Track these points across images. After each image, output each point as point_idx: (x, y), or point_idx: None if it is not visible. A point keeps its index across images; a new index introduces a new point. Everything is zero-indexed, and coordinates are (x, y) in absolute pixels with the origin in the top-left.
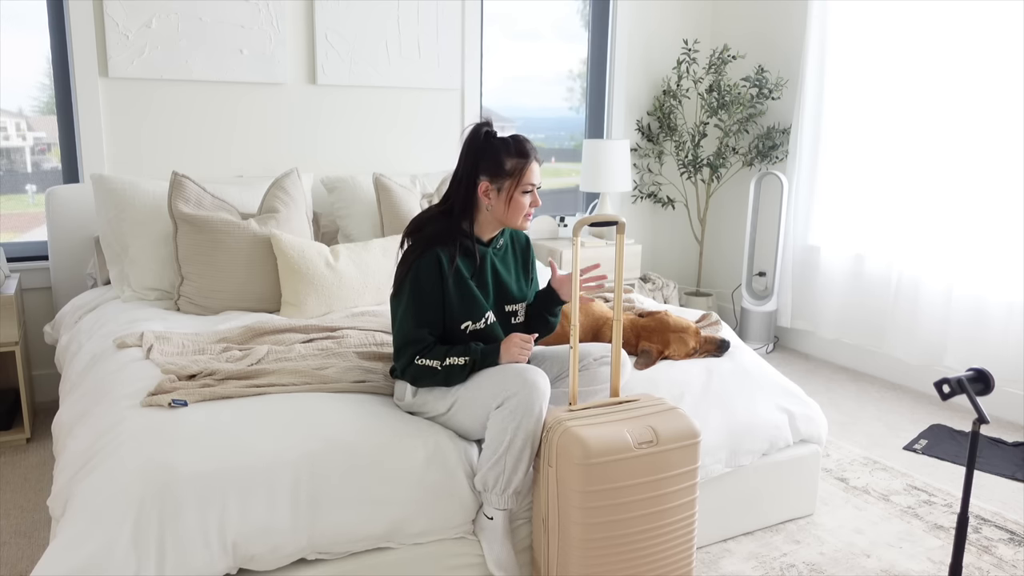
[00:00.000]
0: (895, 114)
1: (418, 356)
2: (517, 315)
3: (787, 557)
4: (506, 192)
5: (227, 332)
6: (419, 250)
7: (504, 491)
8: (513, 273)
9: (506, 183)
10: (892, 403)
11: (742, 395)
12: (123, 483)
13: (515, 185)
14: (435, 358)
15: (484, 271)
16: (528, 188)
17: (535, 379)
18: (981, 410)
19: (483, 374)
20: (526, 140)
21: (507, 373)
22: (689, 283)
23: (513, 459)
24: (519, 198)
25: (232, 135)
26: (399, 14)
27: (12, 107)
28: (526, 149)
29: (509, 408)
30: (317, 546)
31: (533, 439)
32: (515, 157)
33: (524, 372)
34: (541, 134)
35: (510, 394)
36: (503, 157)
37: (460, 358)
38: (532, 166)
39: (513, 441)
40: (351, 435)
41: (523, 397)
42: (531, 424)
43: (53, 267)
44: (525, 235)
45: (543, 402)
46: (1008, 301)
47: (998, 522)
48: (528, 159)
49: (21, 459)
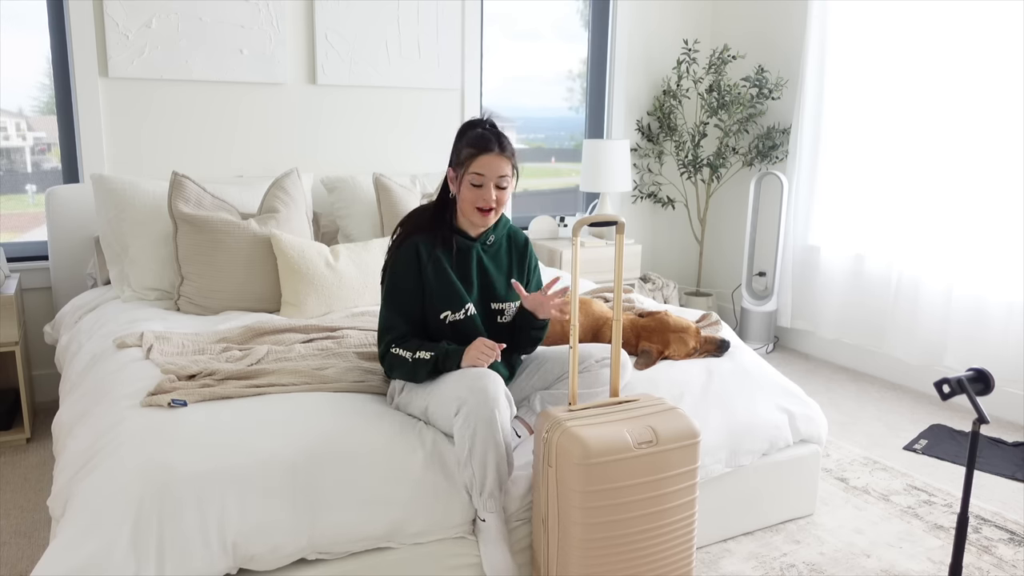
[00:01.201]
0: (895, 114)
1: (393, 344)
2: (504, 314)
3: (787, 557)
4: (461, 182)
5: (227, 332)
6: (399, 240)
7: (480, 494)
8: (504, 272)
9: (460, 172)
10: (892, 403)
11: (742, 395)
12: (123, 483)
13: (464, 173)
14: (408, 350)
15: (467, 264)
16: (476, 181)
17: (484, 385)
18: (981, 410)
19: (446, 379)
20: (494, 133)
21: (462, 380)
22: (689, 283)
23: (479, 464)
24: (466, 190)
25: (232, 135)
26: (399, 14)
27: (12, 107)
28: (483, 140)
29: (463, 416)
30: (317, 546)
31: (494, 444)
32: (469, 146)
33: (475, 379)
34: (541, 134)
35: (462, 401)
36: (463, 145)
37: (427, 353)
38: (484, 158)
39: (473, 448)
40: (350, 435)
41: (473, 405)
42: (485, 430)
43: (53, 267)
44: (524, 235)
45: (494, 407)
46: (1008, 301)
47: (998, 522)
48: (481, 150)
49: (21, 459)
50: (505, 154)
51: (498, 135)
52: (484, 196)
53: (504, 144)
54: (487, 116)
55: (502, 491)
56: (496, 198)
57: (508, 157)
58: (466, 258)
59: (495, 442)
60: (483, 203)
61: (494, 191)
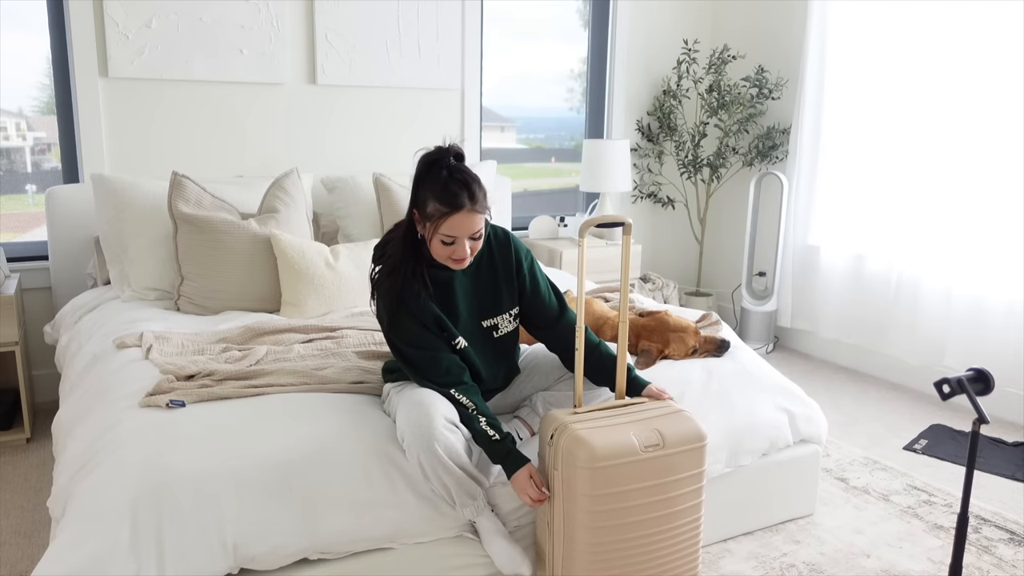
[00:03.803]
0: (895, 114)
1: (455, 391)
2: (498, 329)
3: (787, 557)
4: (430, 235)
5: (227, 332)
6: (386, 317)
7: (455, 506)
8: (490, 282)
9: (427, 225)
10: (892, 403)
11: (742, 395)
12: (122, 484)
13: (433, 230)
14: (478, 411)
15: (450, 295)
16: (447, 240)
17: (418, 418)
18: (981, 410)
19: (397, 405)
20: (462, 181)
21: (403, 409)
22: (689, 283)
23: (437, 482)
24: (437, 244)
25: (232, 135)
26: (399, 14)
27: (12, 107)
28: (452, 198)
29: (407, 446)
30: (319, 546)
31: (443, 467)
32: (436, 201)
33: (412, 410)
34: (541, 134)
35: (402, 433)
36: (428, 196)
37: (494, 432)
38: (455, 218)
39: (424, 471)
40: (349, 437)
41: (411, 439)
42: (430, 458)
43: (53, 267)
44: (503, 231)
45: (431, 440)
46: (1008, 301)
47: (998, 522)
48: (452, 208)
49: (21, 459)
50: (476, 208)
51: (466, 182)
52: (458, 251)
53: (475, 195)
54: (452, 144)
55: (477, 497)
56: (471, 248)
57: (480, 210)
58: (447, 289)
59: (444, 466)
60: (457, 257)
61: (468, 243)
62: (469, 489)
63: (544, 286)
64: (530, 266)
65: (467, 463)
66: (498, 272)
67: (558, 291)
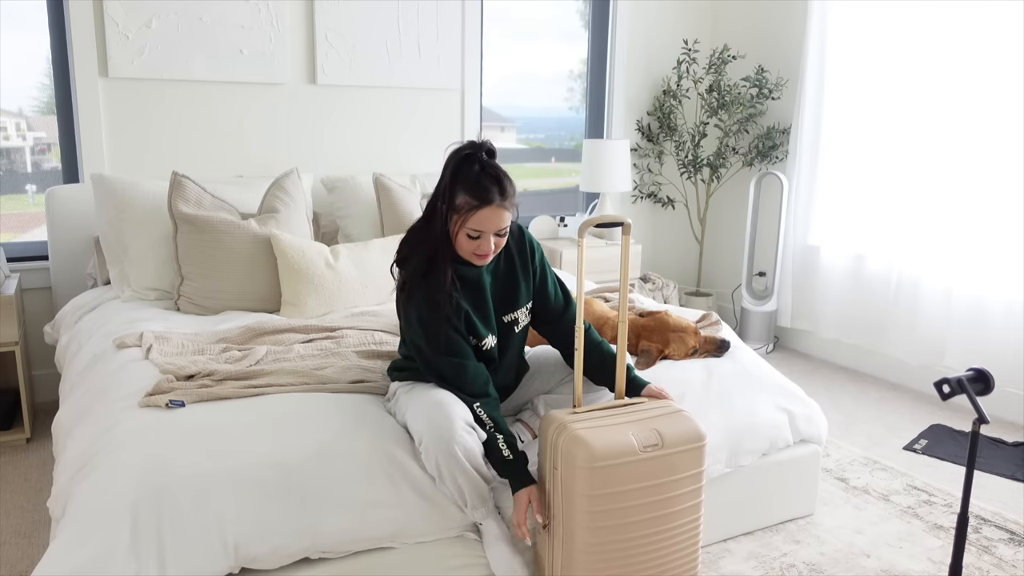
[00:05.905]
0: (895, 114)
1: (478, 406)
2: (518, 323)
3: (787, 557)
4: (456, 229)
5: (227, 332)
6: (418, 324)
7: (465, 507)
8: (509, 277)
9: (454, 218)
10: (892, 403)
11: (742, 395)
12: (122, 484)
13: (460, 223)
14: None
15: (481, 292)
16: (474, 234)
17: (440, 421)
18: (981, 410)
19: (411, 405)
20: (494, 176)
21: (421, 411)
22: (689, 283)
23: (452, 484)
24: (462, 238)
25: (232, 135)
26: (399, 14)
27: (12, 107)
28: (483, 191)
29: (424, 449)
30: (320, 546)
31: (460, 469)
32: (466, 194)
33: (432, 411)
34: (541, 134)
35: (421, 435)
36: (458, 188)
37: (508, 452)
38: (484, 212)
39: (441, 475)
40: (349, 437)
41: (430, 441)
42: (448, 460)
43: (53, 267)
44: (516, 224)
45: (451, 441)
46: (1008, 301)
47: (998, 522)
48: (482, 202)
49: (21, 459)
50: (506, 204)
51: (498, 177)
52: (482, 246)
53: (505, 189)
54: (485, 140)
55: (488, 500)
56: (495, 244)
57: (509, 207)
58: (477, 288)
59: (461, 468)
60: (481, 252)
61: (493, 239)
62: (482, 492)
63: (551, 279)
64: (540, 258)
65: (482, 465)
66: (516, 266)
67: (564, 285)
